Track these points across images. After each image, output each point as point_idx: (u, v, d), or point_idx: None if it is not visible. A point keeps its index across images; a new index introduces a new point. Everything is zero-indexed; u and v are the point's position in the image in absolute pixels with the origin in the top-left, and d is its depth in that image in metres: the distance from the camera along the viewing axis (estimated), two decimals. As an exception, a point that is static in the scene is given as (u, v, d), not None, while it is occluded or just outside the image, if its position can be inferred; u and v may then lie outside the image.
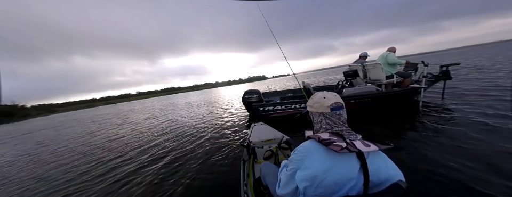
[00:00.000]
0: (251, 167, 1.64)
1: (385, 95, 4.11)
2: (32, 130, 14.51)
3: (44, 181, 3.10)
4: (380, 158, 0.69)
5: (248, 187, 1.43)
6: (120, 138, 5.63)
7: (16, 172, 3.84)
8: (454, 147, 2.17)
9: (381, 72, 4.25)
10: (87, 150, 4.79)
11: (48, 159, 4.47)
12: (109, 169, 3.22)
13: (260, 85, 29.73)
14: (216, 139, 3.89)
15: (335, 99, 0.77)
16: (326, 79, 18.21)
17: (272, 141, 2.03)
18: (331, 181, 0.62)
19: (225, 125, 5.04)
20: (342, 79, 5.23)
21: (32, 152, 5.61)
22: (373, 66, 4.43)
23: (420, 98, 3.92)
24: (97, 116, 18.57)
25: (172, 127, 6.01)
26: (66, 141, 6.64)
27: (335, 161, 0.64)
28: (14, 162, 4.71)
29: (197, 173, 2.46)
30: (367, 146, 0.65)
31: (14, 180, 3.43)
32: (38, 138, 8.92)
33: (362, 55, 5.05)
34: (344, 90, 4.28)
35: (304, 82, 4.96)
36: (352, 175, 0.63)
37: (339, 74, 25.97)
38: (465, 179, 1.63)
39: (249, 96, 4.90)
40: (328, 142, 0.66)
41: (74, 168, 3.51)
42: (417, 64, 4.52)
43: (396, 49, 4.32)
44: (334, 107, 0.76)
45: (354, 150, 0.62)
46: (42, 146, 6.48)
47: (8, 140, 9.69)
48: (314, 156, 0.67)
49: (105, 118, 14.47)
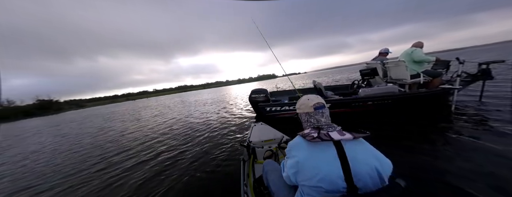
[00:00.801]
0: (251, 167, 1.64)
1: (409, 97, 3.62)
2: (63, 121, 15.95)
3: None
4: (361, 146, 0.76)
5: (248, 187, 1.43)
6: (127, 134, 5.81)
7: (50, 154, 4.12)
8: (497, 165, 1.73)
9: (404, 71, 3.74)
10: (97, 144, 4.97)
11: (67, 148, 4.74)
12: (110, 164, 3.26)
13: (267, 84, 29.27)
14: (218, 138, 3.79)
15: (317, 100, 0.90)
16: (339, 78, 17.21)
17: (272, 141, 2.03)
18: (310, 165, 0.73)
19: (230, 124, 4.91)
20: (358, 77, 4.77)
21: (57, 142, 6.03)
22: (395, 64, 3.92)
23: (452, 101, 3.38)
24: (116, 112, 19.67)
25: (176, 125, 6.05)
26: (86, 134, 7.05)
27: (313, 149, 0.76)
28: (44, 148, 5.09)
29: (196, 173, 2.44)
30: (343, 135, 0.75)
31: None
32: (64, 130, 9.63)
33: (382, 52, 4.53)
34: (361, 90, 3.86)
35: (315, 81, 4.60)
36: (328, 159, 0.72)
37: (353, 72, 24.56)
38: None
39: (256, 95, 4.67)
40: (306, 135, 0.78)
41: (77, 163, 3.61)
42: (449, 61, 3.93)
43: (424, 44, 3.78)
44: (316, 106, 0.87)
45: (326, 139, 0.73)
46: (64, 138, 6.95)
47: (46, 130, 10.73)
48: (298, 147, 0.80)
49: (121, 114, 15.22)
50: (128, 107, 26.31)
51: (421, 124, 3.01)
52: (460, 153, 2.01)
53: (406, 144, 2.42)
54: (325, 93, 4.38)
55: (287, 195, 0.95)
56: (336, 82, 13.08)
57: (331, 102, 3.94)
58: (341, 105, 3.94)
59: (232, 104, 9.85)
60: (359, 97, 3.82)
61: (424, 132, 2.70)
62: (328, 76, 23.97)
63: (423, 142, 2.37)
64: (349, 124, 3.61)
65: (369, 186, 0.69)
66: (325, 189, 0.70)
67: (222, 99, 14.01)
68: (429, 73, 3.66)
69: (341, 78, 16.88)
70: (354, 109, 3.90)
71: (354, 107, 3.89)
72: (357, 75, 18.11)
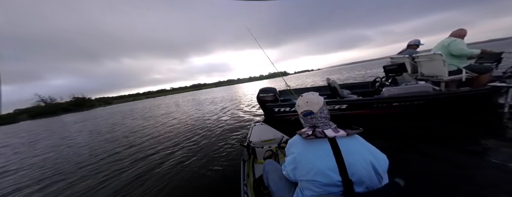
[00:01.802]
0: (251, 168, 1.65)
1: (447, 97, 3.00)
2: (95, 117, 17.41)
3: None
4: (356, 143, 0.79)
5: (248, 187, 1.42)
6: (136, 131, 6.04)
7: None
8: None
9: (441, 66, 3.11)
10: (111, 139, 5.16)
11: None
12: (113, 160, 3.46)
13: (278, 82, 28.68)
14: (221, 138, 3.70)
15: (305, 107, 0.91)
16: (354, 75, 16.03)
17: (272, 141, 2.02)
18: (305, 160, 0.79)
19: (234, 124, 4.74)
20: (380, 74, 4.16)
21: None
22: (429, 57, 3.29)
23: (506, 101, 2.72)
24: (137, 109, 20.76)
25: (181, 124, 6.11)
26: (109, 131, 7.45)
27: (308, 145, 0.81)
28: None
29: (197, 172, 2.44)
30: (337, 132, 0.78)
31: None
32: (90, 126, 10.35)
33: (412, 44, 3.87)
34: (384, 89, 3.32)
35: (329, 79, 4.11)
36: (322, 154, 0.75)
37: (372, 68, 22.80)
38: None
39: (264, 95, 4.34)
40: (302, 133, 0.85)
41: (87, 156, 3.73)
42: (500, 53, 3.19)
43: (467, 33, 3.09)
44: (304, 113, 0.92)
45: (320, 136, 0.78)
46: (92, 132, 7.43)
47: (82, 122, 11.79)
48: (295, 144, 0.87)
49: (137, 112, 15.97)
50: (145, 105, 27.77)
51: (457, 128, 2.51)
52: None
53: (448, 155, 1.92)
54: (340, 92, 3.89)
55: (286, 194, 0.95)
56: (354, 79, 12.08)
57: (348, 103, 3.46)
58: (360, 106, 3.44)
59: (240, 103, 9.64)
60: (383, 97, 3.28)
61: (468, 140, 2.19)
62: (342, 73, 22.66)
63: (472, 154, 1.87)
64: (369, 128, 3.13)
65: (364, 180, 0.71)
66: (322, 183, 0.73)
67: (231, 98, 13.84)
68: (474, 69, 2.99)
69: (356, 75, 15.71)
70: (376, 111, 3.38)
71: (376, 109, 3.36)
72: (376, 71, 16.80)
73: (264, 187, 1.20)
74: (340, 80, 11.96)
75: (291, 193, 0.93)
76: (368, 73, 15.47)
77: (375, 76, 4.19)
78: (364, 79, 10.87)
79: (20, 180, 3.26)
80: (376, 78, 4.12)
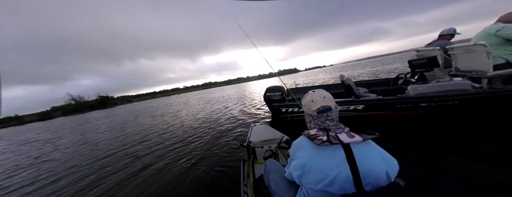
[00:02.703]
0: (251, 167, 1.65)
1: (494, 96, 2.48)
2: (115, 114, 18.62)
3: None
4: (369, 148, 0.72)
5: (248, 187, 1.42)
6: (145, 128, 6.19)
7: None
8: None
9: (484, 59, 2.57)
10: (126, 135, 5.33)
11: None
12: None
13: (286, 79, 28.05)
14: (223, 139, 3.67)
15: (323, 102, 0.81)
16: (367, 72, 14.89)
17: (272, 141, 2.02)
18: (317, 168, 0.71)
19: (241, 124, 4.61)
20: (403, 69, 3.64)
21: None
22: (467, 49, 2.75)
23: None
24: (151, 107, 21.63)
25: (187, 123, 6.19)
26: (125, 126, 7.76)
27: (320, 152, 0.72)
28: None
29: (196, 172, 2.43)
30: (352, 137, 0.71)
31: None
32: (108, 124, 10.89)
33: (445, 34, 3.29)
34: (410, 88, 2.86)
35: (343, 75, 3.70)
36: (336, 163, 0.68)
37: (389, 63, 21.19)
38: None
39: (271, 94, 4.05)
40: (313, 137, 0.74)
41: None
42: None
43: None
44: (320, 110, 0.81)
45: (336, 142, 0.70)
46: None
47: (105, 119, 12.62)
48: (304, 149, 0.78)
49: (151, 110, 16.50)
50: (159, 103, 29.09)
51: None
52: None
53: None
54: (356, 91, 3.46)
55: (287, 194, 0.92)
56: (375, 75, 11.16)
57: (365, 103, 3.05)
58: (380, 107, 3.01)
59: (247, 101, 9.44)
60: (408, 96, 2.83)
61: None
62: (356, 69, 21.39)
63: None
64: (391, 130, 2.73)
65: (376, 187, 0.68)
66: (333, 193, 0.68)
67: (240, 96, 13.67)
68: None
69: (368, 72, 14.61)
70: (401, 112, 2.93)
71: (401, 110, 2.91)
72: (392, 66, 15.45)
73: (264, 187, 1.19)
74: (354, 77, 11.12)
75: (292, 193, 0.90)
76: (385, 69, 14.33)
77: (400, 72, 3.65)
78: (375, 75, 10.06)
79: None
80: (399, 74, 3.62)
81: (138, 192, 2.20)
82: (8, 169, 4.26)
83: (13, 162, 4.81)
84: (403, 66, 13.18)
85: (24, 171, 3.86)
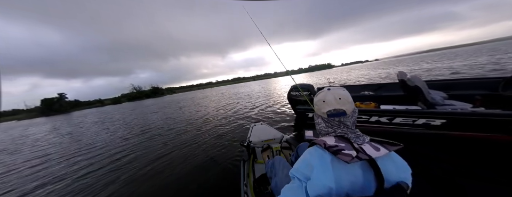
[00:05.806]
0: (251, 167, 1.64)
1: None
2: (163, 102, 21.02)
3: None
4: (390, 160, 0.62)
5: (248, 187, 1.39)
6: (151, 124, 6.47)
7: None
8: None
9: None
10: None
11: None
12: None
13: (319, 75, 25.32)
14: (223, 138, 3.53)
15: (336, 105, 0.67)
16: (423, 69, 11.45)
17: (272, 141, 2.01)
18: (345, 189, 0.56)
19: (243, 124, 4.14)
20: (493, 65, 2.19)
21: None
22: None
23: None
24: (195, 97, 23.00)
25: (197, 121, 6.11)
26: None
27: (347, 169, 0.58)
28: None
29: (196, 172, 2.39)
30: (377, 149, 0.60)
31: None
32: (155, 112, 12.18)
33: None
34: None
35: (404, 73, 2.52)
36: (367, 183, 0.57)
37: (458, 58, 16.30)
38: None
39: (296, 93, 3.21)
40: (337, 150, 0.59)
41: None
42: None
43: None
44: (331, 113, 0.68)
45: (365, 158, 0.56)
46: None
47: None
48: (325, 167, 0.59)
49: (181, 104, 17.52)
50: (195, 95, 30.98)
51: None
52: None
53: None
54: (428, 96, 2.25)
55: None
56: (455, 72, 7.68)
57: (449, 116, 1.90)
58: (480, 125, 1.81)
59: (270, 100, 8.57)
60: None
61: None
62: (408, 65, 17.38)
63: None
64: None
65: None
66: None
67: (264, 93, 12.67)
68: None
69: (422, 70, 11.28)
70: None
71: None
72: (467, 62, 11.49)
73: (264, 187, 1.19)
74: (424, 75, 8.14)
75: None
76: (455, 65, 10.75)
77: (486, 70, 2.22)
78: (440, 74, 7.51)
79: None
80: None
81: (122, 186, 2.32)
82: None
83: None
84: (497, 60, 9.81)
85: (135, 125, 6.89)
